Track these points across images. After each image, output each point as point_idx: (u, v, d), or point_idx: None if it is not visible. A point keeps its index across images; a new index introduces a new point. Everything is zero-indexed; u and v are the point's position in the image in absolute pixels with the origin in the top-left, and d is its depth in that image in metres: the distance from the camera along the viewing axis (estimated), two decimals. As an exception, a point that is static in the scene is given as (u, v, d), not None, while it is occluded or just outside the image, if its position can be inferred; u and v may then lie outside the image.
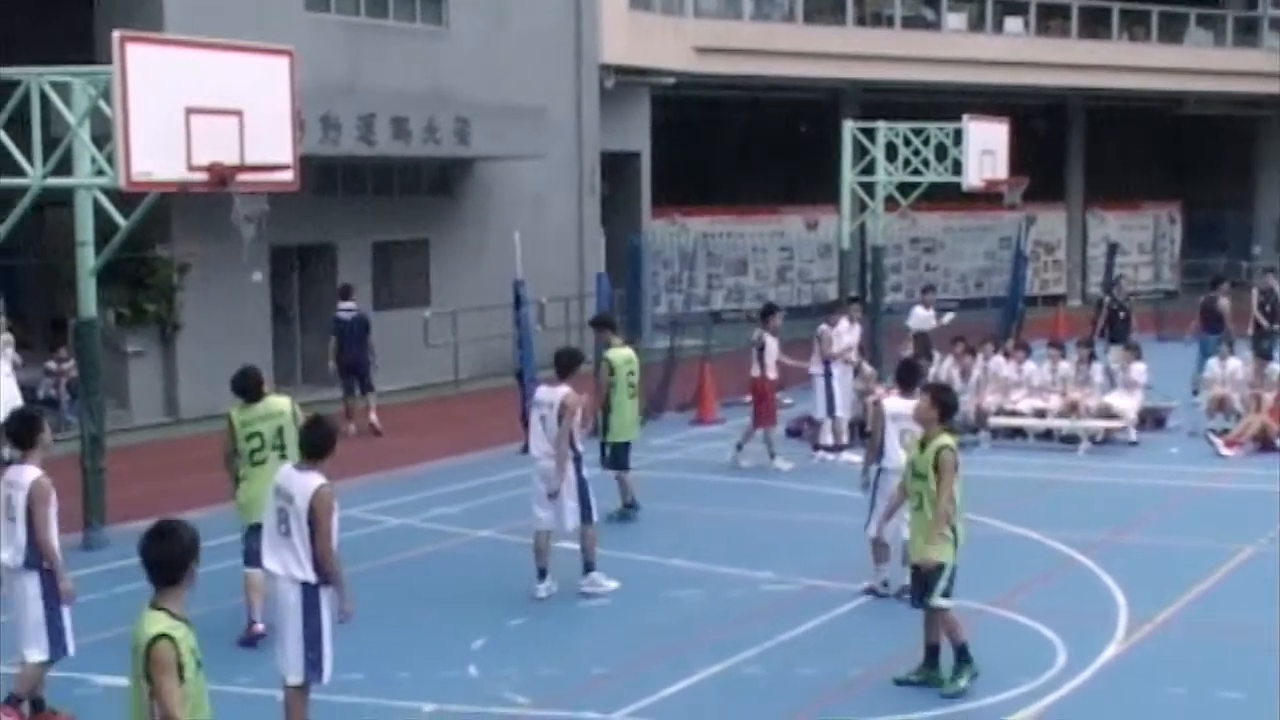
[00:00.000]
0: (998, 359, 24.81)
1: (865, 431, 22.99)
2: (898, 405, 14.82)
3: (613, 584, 15.29)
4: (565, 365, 15.60)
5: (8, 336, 22.55)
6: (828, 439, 22.44)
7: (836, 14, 42.23)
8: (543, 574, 15.11)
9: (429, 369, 29.61)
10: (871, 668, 12.79)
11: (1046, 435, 23.64)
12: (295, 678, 10.70)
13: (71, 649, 11.63)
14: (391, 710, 11.88)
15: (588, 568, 15.26)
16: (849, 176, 30.10)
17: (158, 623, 7.31)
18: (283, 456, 13.01)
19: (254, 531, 12.70)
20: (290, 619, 10.66)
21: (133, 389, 25.72)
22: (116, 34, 14.50)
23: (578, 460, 15.21)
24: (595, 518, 15.36)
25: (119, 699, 12.02)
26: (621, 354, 18.68)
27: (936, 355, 25.79)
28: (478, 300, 29.91)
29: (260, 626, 13.53)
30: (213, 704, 7.56)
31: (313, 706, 10.84)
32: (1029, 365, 24.64)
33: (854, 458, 21.52)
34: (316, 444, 10.83)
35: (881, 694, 12.17)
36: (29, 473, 11.39)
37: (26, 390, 23.35)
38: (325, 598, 10.69)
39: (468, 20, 30.99)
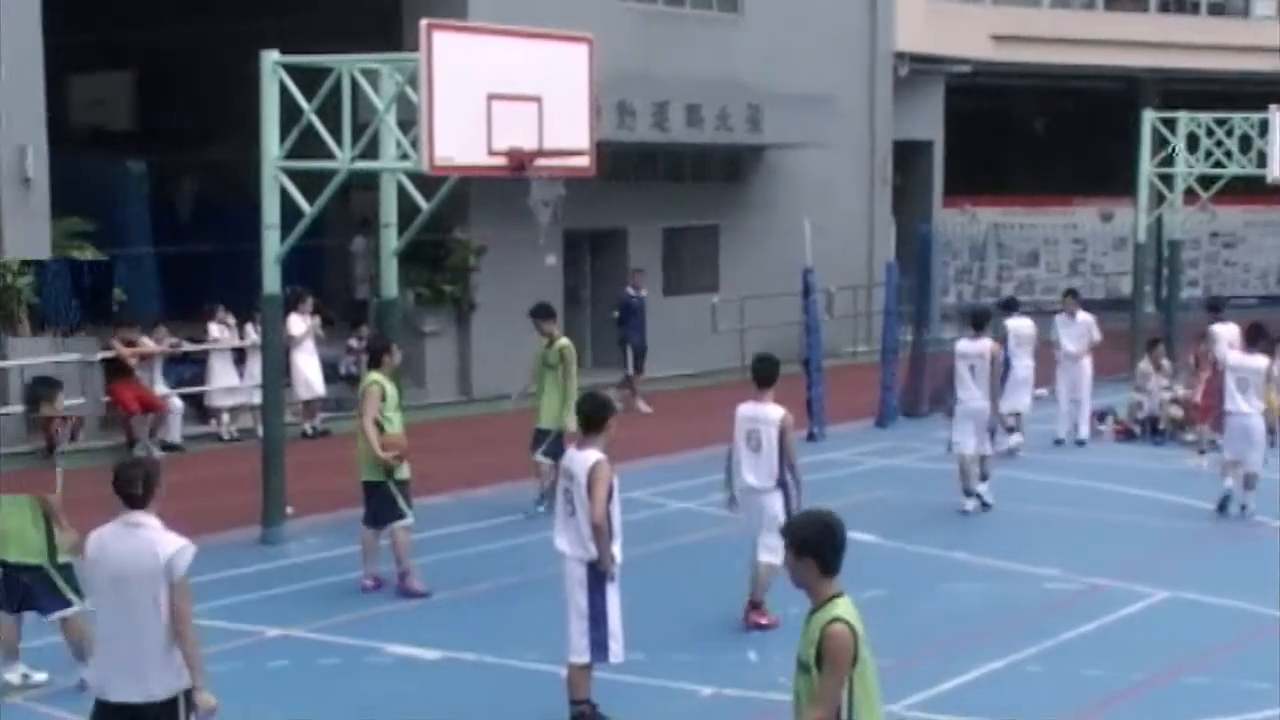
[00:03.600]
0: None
1: (1157, 428, 22.84)
2: (1238, 358, 18.58)
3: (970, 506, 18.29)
4: (981, 321, 19.24)
5: (315, 320, 23.36)
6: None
7: (1139, 0, 41.29)
8: (969, 494, 18.43)
9: (716, 355, 29.77)
10: (1157, 671, 12.56)
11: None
12: (579, 656, 10.91)
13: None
14: (670, 692, 12.05)
15: (984, 477, 18.61)
16: (1147, 168, 29.47)
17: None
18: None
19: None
20: (576, 598, 10.89)
21: (429, 368, 26.40)
22: (423, 22, 14.91)
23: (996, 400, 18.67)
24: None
25: (409, 668, 12.50)
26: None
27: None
28: (765, 287, 29.99)
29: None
30: (492, 678, 7.69)
31: (595, 685, 11.06)
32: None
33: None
34: (590, 417, 11.06)
35: (1167, 699, 11.95)
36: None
37: (328, 366, 24.22)
38: (611, 579, 10.90)
39: (762, 7, 31.07)
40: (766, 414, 13.58)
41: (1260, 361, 18.26)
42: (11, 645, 12.14)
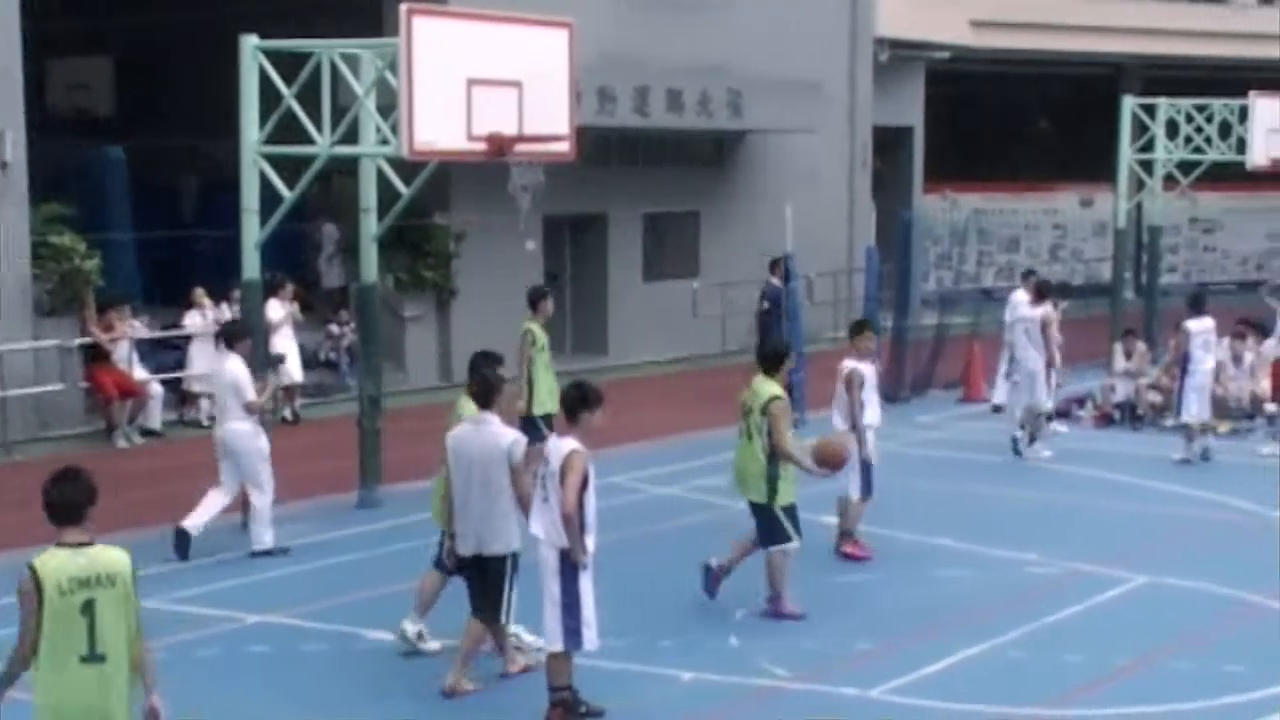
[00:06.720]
0: (1270, 343, 24.22)
1: (1136, 414, 22.92)
2: None
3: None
4: (1198, 303, 20.82)
5: (294, 305, 23.25)
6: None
7: (1120, -14, 41.29)
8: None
9: (696, 340, 29.81)
10: (1138, 656, 12.59)
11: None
12: (554, 645, 10.90)
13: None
14: (651, 677, 12.04)
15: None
16: (1127, 154, 29.47)
17: None
18: None
19: None
20: (550, 585, 10.87)
21: (409, 353, 26.37)
22: (404, 7, 14.84)
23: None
24: None
25: (386, 654, 12.47)
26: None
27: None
28: (747, 273, 29.95)
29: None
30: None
31: (576, 671, 11.05)
32: (1307, 350, 24.02)
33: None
34: (569, 406, 11.10)
35: (1147, 683, 11.97)
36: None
37: (306, 351, 24.17)
38: (583, 569, 10.87)
39: (744, -7, 31.04)
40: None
41: None
42: (428, 602, 12.42)
